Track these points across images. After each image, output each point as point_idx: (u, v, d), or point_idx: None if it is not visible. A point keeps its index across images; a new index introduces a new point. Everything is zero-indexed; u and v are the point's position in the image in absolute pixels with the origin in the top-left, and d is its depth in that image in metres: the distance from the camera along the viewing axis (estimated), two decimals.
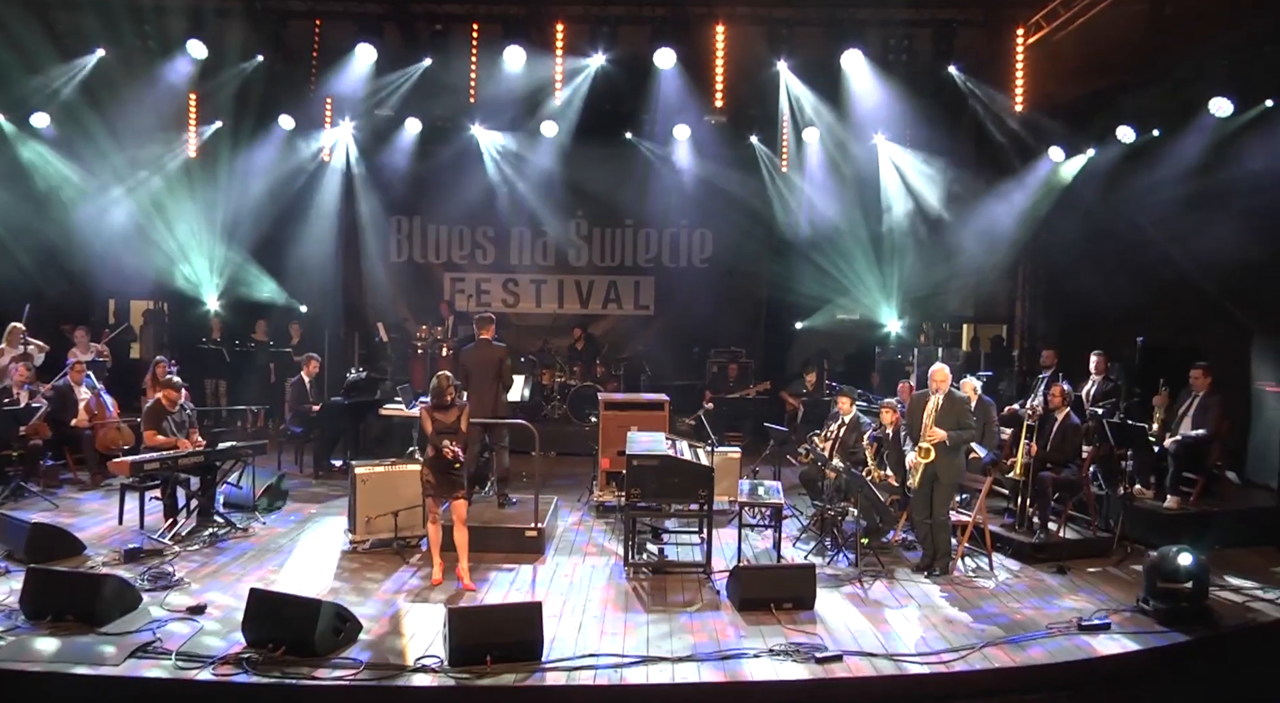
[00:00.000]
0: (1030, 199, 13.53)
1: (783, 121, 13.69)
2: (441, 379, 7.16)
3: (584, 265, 15.47)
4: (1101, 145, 12.29)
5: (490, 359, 8.93)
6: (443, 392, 7.11)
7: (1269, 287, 9.93)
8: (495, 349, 9.07)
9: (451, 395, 7.17)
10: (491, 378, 8.88)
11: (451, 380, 7.22)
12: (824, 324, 15.84)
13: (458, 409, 7.22)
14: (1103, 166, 12.42)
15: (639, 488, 7.57)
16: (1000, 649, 6.14)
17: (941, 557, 7.89)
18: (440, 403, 7.15)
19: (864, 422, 9.57)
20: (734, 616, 6.73)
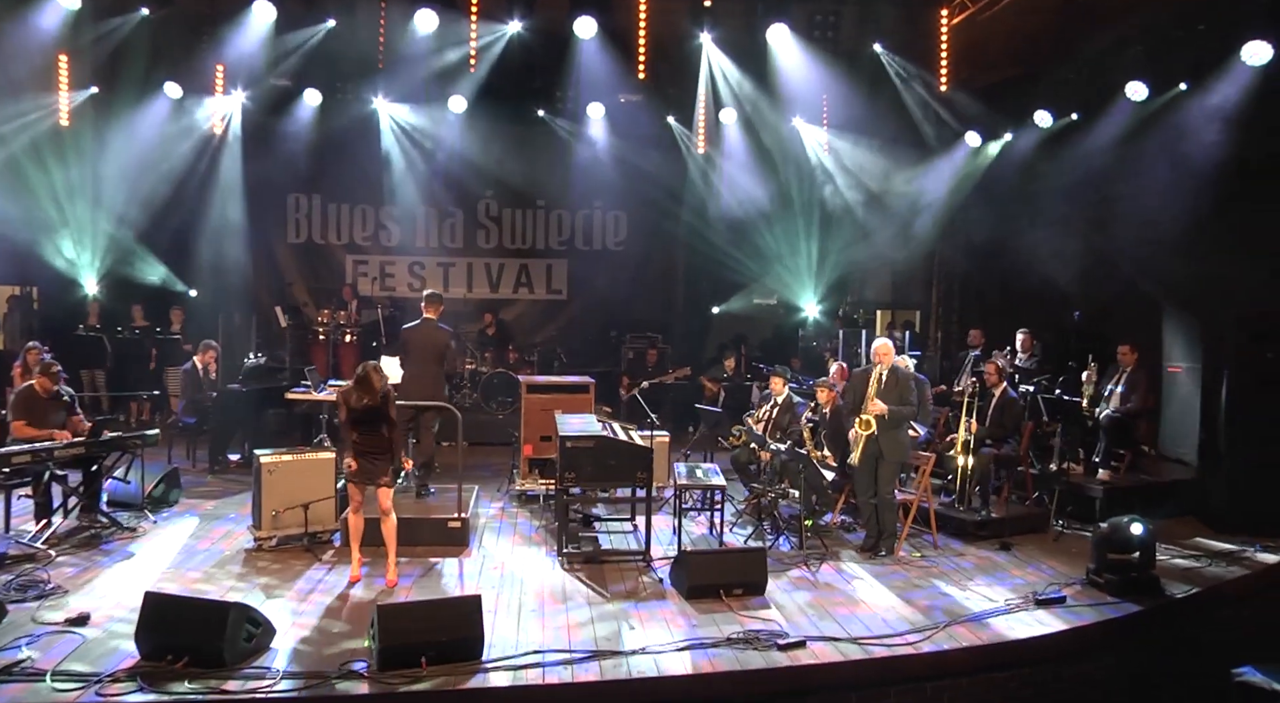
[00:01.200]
0: (950, 181, 13.57)
1: (703, 99, 13.35)
2: (375, 376, 6.45)
3: (493, 248, 14.79)
4: (1020, 128, 12.38)
5: (434, 341, 8.36)
6: (371, 388, 6.41)
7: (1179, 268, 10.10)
8: (440, 332, 8.49)
9: (380, 385, 6.49)
10: (433, 360, 8.30)
11: (385, 381, 6.55)
12: (741, 308, 15.62)
13: (383, 398, 6.54)
14: (1021, 150, 12.53)
15: (573, 472, 7.07)
16: (963, 628, 5.91)
17: (887, 537, 7.65)
18: (363, 394, 6.46)
19: (797, 402, 9.29)
20: (682, 604, 6.31)
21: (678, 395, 13.28)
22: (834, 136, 13.92)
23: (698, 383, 13.71)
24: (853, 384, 7.82)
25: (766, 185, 14.28)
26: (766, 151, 14.10)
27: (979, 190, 13.19)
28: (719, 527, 8.13)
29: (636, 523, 8.34)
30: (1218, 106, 9.57)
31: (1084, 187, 11.32)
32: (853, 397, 7.76)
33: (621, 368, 13.95)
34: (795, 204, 14.73)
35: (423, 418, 8.43)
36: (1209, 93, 9.68)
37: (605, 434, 7.24)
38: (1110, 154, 10.94)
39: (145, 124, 11.99)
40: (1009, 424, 8.39)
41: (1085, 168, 11.28)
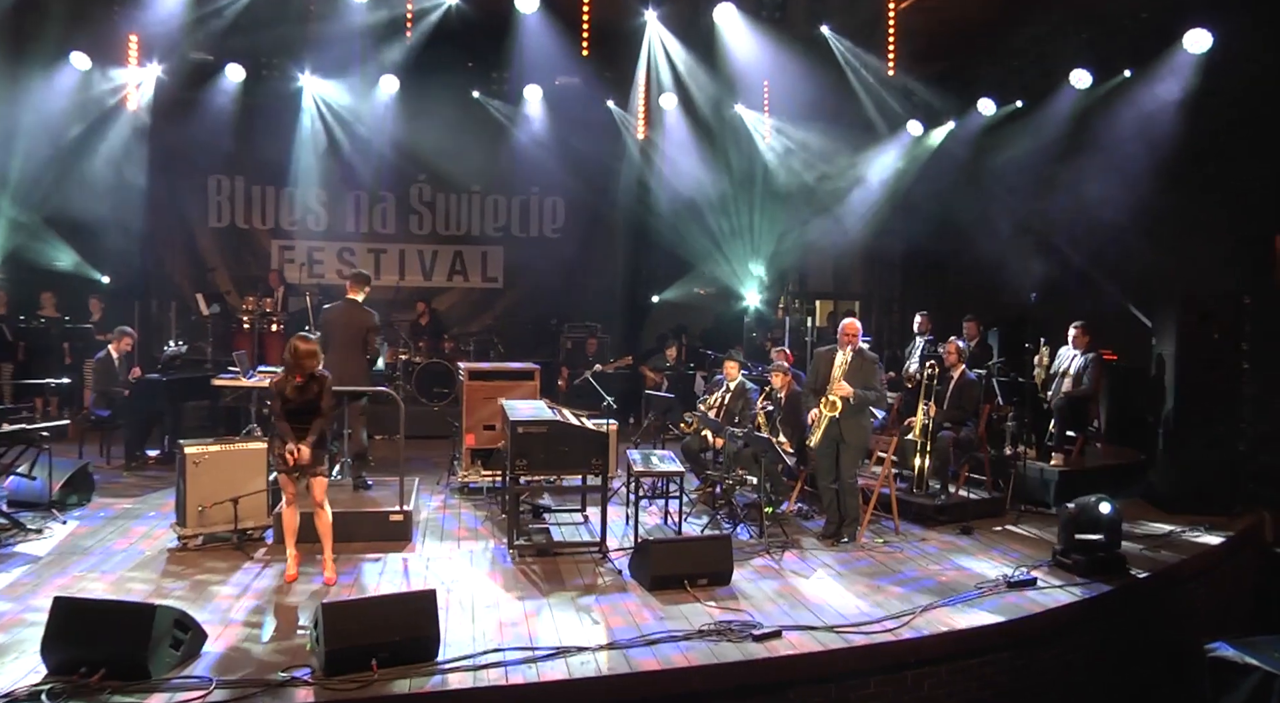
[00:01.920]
0: (895, 169, 13.52)
1: (644, 82, 13.02)
2: (305, 348, 5.95)
3: (427, 234, 14.22)
4: (964, 116, 12.37)
5: (357, 322, 7.81)
6: (302, 362, 5.91)
7: (1125, 252, 10.17)
8: (363, 314, 7.95)
9: (314, 365, 5.99)
10: (356, 344, 7.75)
11: (317, 354, 6.03)
12: (682, 297, 15.38)
13: (317, 384, 6.04)
14: (965, 137, 12.52)
15: (525, 459, 6.66)
16: (939, 613, 5.70)
17: (850, 523, 7.43)
18: (296, 374, 5.95)
19: (750, 388, 9.03)
20: (645, 596, 5.98)
21: (619, 386, 12.95)
22: (779, 122, 13.73)
23: (638, 373, 13.42)
24: (816, 365, 7.58)
25: (709, 172, 14.03)
26: (709, 137, 13.85)
27: (923, 178, 13.16)
28: (677, 517, 7.82)
29: (587, 515, 8.00)
30: (1161, 93, 9.64)
31: (1028, 174, 11.33)
32: (814, 378, 7.53)
33: (560, 358, 13.56)
34: (738, 191, 14.53)
35: (351, 407, 7.90)
36: (1153, 80, 9.75)
37: (559, 419, 6.86)
38: (1055, 141, 10.98)
39: (50, 97, 11.12)
40: (968, 406, 8.27)
41: (1030, 155, 11.30)
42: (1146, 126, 9.74)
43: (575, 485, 7.98)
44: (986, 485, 8.52)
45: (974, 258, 12.00)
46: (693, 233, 14.45)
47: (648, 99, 13.67)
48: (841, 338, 7.37)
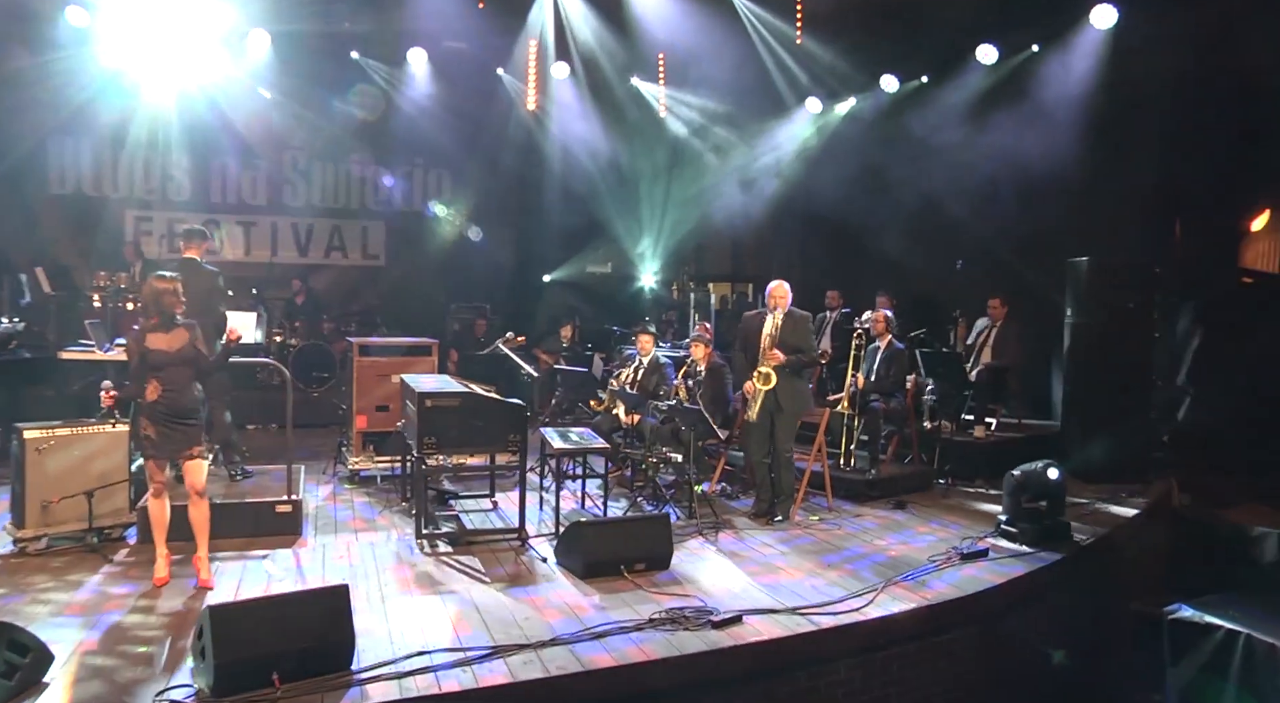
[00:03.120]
0: (800, 144, 13.25)
1: (535, 49, 12.33)
2: (162, 286, 5.02)
3: (302, 206, 13.08)
4: (868, 90, 12.18)
5: (199, 285, 6.73)
6: (161, 301, 4.98)
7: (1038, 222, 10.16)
8: (205, 274, 6.89)
9: (178, 305, 5.07)
10: (199, 311, 6.69)
11: (178, 292, 5.10)
12: (574, 276, 14.76)
13: (187, 332, 5.12)
14: (871, 111, 12.34)
15: (434, 437, 5.89)
16: (901, 588, 5.30)
17: (784, 500, 6.99)
18: (160, 320, 5.01)
19: (664, 362, 8.49)
20: (579, 585, 5.34)
21: (512, 369, 12.21)
22: (680, 94, 13.28)
23: (532, 355, 12.70)
24: (745, 332, 7.09)
25: (606, 146, 13.46)
26: (607, 109, 13.27)
27: (827, 154, 12.94)
28: (594, 500, 7.22)
29: (496, 501, 7.28)
30: (1068, 68, 9.64)
31: (935, 149, 11.21)
32: (743, 344, 7.04)
33: (448, 340, 12.69)
34: (637, 167, 14.01)
35: (209, 387, 6.85)
36: (1060, 55, 9.73)
37: (472, 391, 6.12)
38: (961, 116, 10.88)
39: None
40: (896, 377, 7.96)
41: (936, 130, 11.18)
42: (1055, 101, 9.73)
43: (477, 471, 7.32)
44: (914, 459, 8.24)
45: (882, 234, 11.85)
46: (587, 209, 13.86)
47: (540, 67, 12.99)
48: (770, 300, 6.89)
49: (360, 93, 12.25)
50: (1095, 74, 9.43)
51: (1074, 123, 9.53)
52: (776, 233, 15.31)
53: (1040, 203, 9.82)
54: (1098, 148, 9.35)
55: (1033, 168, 9.90)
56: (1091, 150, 9.37)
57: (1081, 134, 9.47)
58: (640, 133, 13.79)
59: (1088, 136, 9.40)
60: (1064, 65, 9.73)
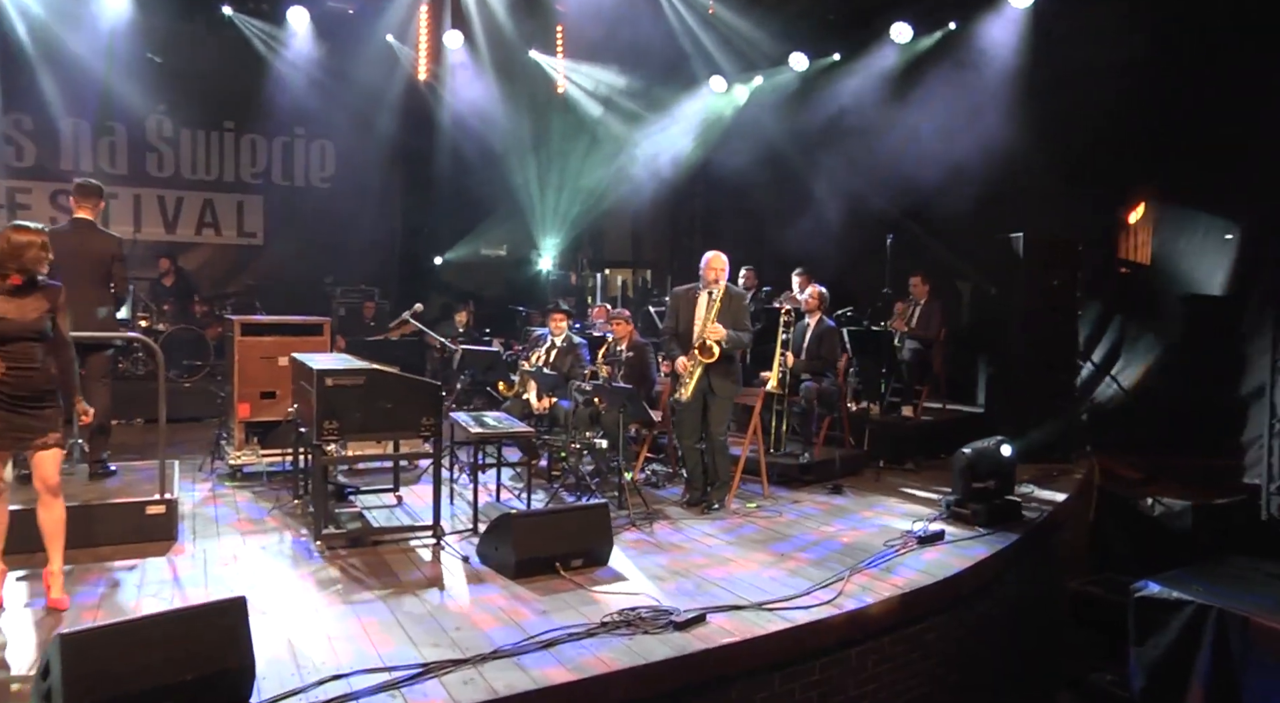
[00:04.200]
0: (705, 122, 12.83)
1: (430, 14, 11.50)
2: (23, 238, 4.06)
3: (169, 178, 11.80)
4: (775, 70, 11.84)
5: (93, 250, 5.76)
6: (23, 257, 4.04)
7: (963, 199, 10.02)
8: (102, 238, 5.91)
9: (41, 264, 4.13)
10: (93, 279, 5.73)
11: (46, 246, 4.15)
12: (468, 258, 13.95)
13: (46, 298, 4.18)
14: (779, 90, 12.01)
15: (335, 420, 5.11)
16: (867, 576, 4.84)
17: (720, 487, 6.48)
18: (13, 275, 4.06)
19: (579, 342, 7.89)
20: (511, 587, 4.68)
21: (404, 355, 11.33)
22: (582, 67, 12.66)
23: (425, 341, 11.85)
24: (676, 307, 6.53)
25: (502, 121, 12.72)
26: (504, 82, 12.54)
27: (735, 133, 12.57)
28: (518, 493, 6.56)
29: (399, 496, 6.52)
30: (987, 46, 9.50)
31: (849, 127, 10.95)
32: (675, 322, 6.49)
33: (334, 325, 11.68)
34: (536, 144, 13.31)
35: (90, 365, 5.86)
36: (978, 33, 9.59)
37: (379, 369, 5.36)
38: (875, 94, 10.65)
39: None
40: (827, 356, 7.57)
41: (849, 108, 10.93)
42: (973, 79, 9.58)
43: (376, 464, 6.57)
44: (845, 441, 7.88)
45: (792, 214, 11.55)
46: (482, 188, 13.08)
47: (432, 35, 12.17)
48: (705, 274, 6.35)
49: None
50: (1014, 52, 9.32)
51: (992, 101, 9.40)
52: (679, 215, 14.91)
53: (960, 181, 9.65)
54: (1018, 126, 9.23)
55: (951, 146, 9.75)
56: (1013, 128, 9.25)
57: (1001, 112, 9.35)
58: (539, 108, 13.13)
59: (1008, 115, 9.28)
60: (981, 43, 9.59)
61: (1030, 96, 9.15)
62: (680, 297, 6.54)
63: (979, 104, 9.55)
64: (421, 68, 12.40)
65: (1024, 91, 9.20)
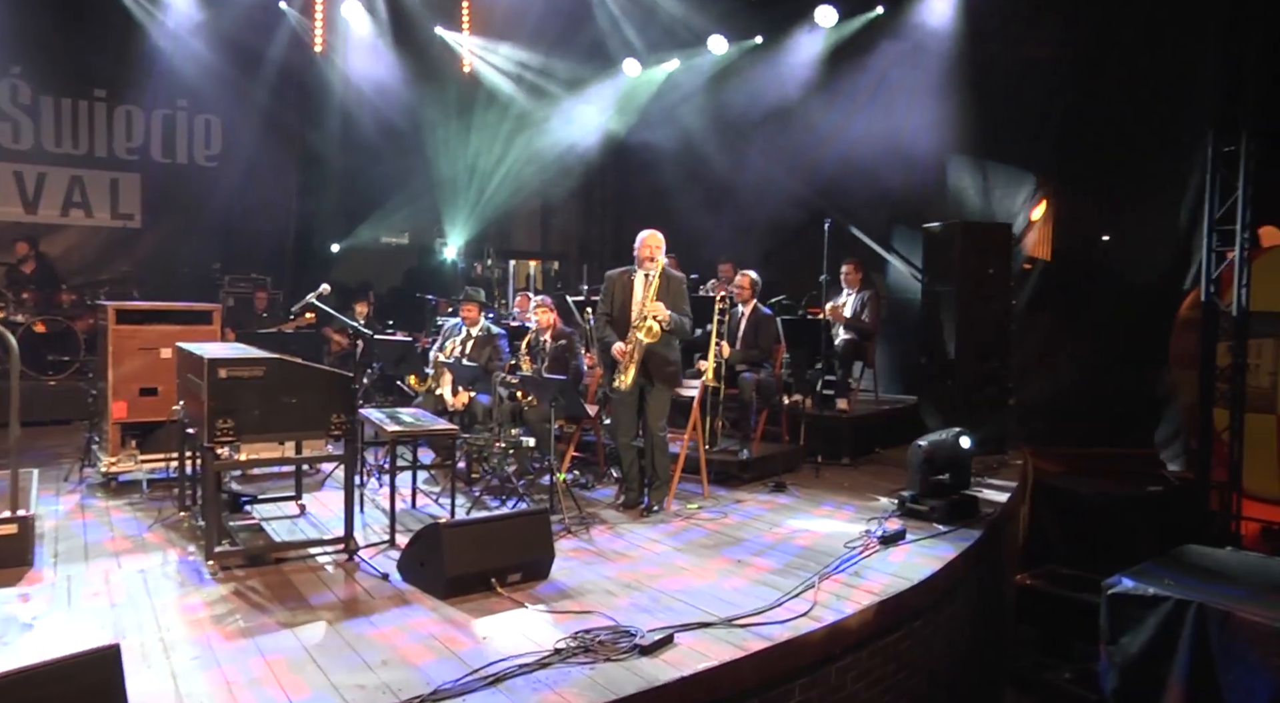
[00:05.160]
0: (617, 106, 12.33)
1: None
2: None
3: (29, 151, 10.52)
4: (693, 52, 11.42)
5: None
6: None
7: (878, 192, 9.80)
8: None
9: None
10: None
11: None
12: (368, 246, 13.09)
13: None
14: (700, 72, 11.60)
15: (231, 418, 4.41)
16: (836, 582, 4.43)
17: (659, 487, 5.99)
18: None
19: (497, 332, 7.29)
20: (441, 609, 4.08)
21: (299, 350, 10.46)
22: (491, 45, 12.01)
23: (321, 335, 10.99)
24: (610, 291, 6.00)
25: (405, 100, 11.93)
26: (408, 59, 11.78)
27: (651, 117, 12.11)
28: (435, 498, 5.93)
29: (302, 504, 5.81)
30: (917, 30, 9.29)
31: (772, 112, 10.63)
32: (610, 306, 5.96)
33: (222, 317, 10.71)
34: (439, 127, 12.56)
35: None
36: (907, 17, 9.37)
37: (282, 358, 4.66)
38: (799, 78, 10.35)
39: None
40: (764, 345, 7.15)
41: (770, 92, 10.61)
42: (901, 64, 9.37)
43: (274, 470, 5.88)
44: (781, 436, 7.49)
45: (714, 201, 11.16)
46: (383, 171, 12.25)
47: (329, 4, 11.31)
48: (640, 253, 5.83)
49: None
50: (942, 40, 9.13)
51: (919, 88, 9.21)
52: (591, 204, 14.39)
53: (886, 169, 9.44)
54: (946, 114, 9.07)
55: (876, 133, 9.54)
56: (940, 116, 9.08)
57: (928, 100, 9.17)
58: (445, 88, 12.38)
59: (935, 103, 9.11)
60: (909, 29, 9.38)
61: (958, 85, 8.98)
62: (615, 279, 6.02)
63: (905, 90, 9.35)
64: (317, 40, 11.50)
65: (951, 79, 9.02)
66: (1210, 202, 7.57)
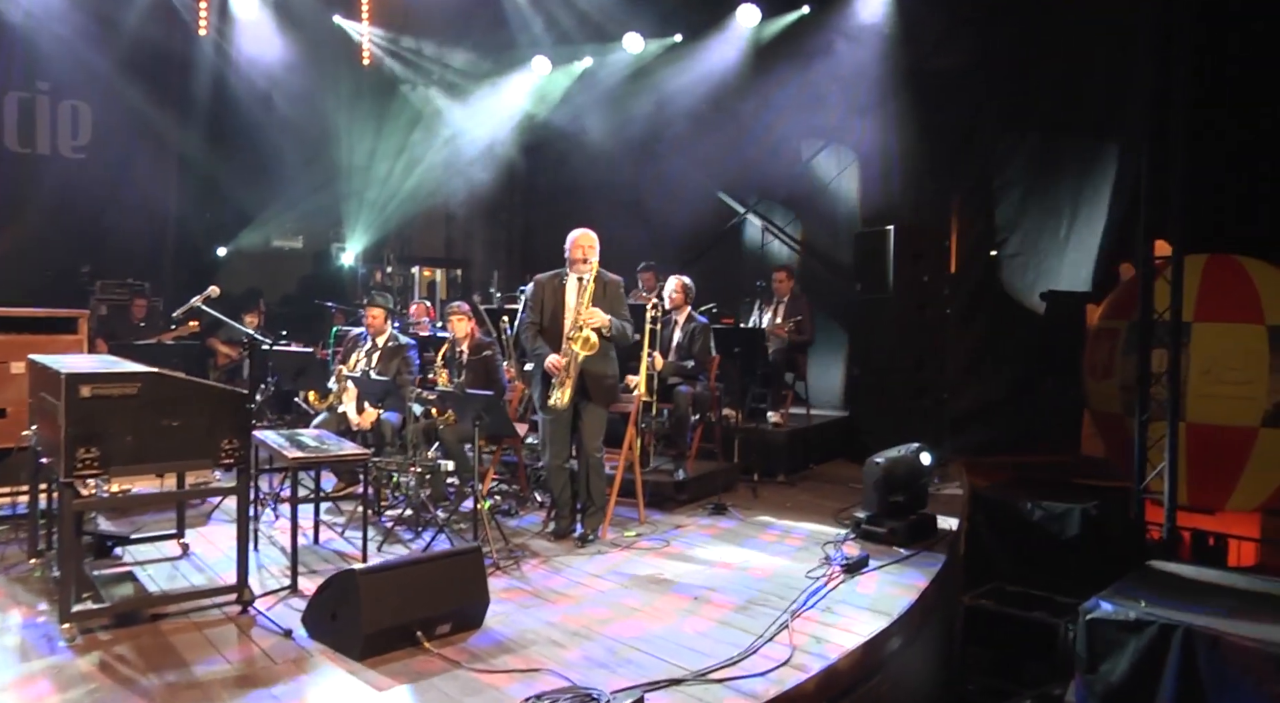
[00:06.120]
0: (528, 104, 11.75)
1: None
2: None
3: None
4: (607, 48, 10.94)
5: None
6: None
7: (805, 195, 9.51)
8: None
9: None
10: None
11: None
12: (257, 249, 12.08)
13: None
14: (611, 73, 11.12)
15: (96, 446, 3.65)
16: (811, 621, 3.97)
17: (595, 513, 5.42)
18: None
19: (406, 342, 6.62)
20: (362, 673, 3.43)
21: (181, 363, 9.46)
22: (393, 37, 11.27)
23: (206, 347, 10.03)
24: (539, 297, 5.40)
25: (300, 91, 11.06)
26: (304, 48, 10.92)
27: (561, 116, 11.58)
28: (340, 531, 5.22)
29: (185, 543, 5.02)
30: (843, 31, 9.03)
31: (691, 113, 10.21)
32: (540, 315, 5.37)
33: (93, 327, 9.62)
34: (337, 122, 11.71)
35: None
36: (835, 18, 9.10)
37: (160, 372, 3.91)
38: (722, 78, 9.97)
39: None
40: (700, 357, 6.66)
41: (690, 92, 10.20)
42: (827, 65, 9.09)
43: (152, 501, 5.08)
44: (718, 454, 7.02)
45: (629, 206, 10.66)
46: (275, 168, 11.30)
47: None
48: (572, 254, 5.27)
49: None
50: (868, 41, 8.89)
51: (849, 88, 8.94)
52: (498, 209, 13.71)
53: (816, 172, 9.16)
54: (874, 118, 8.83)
55: (804, 133, 9.25)
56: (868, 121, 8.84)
57: (853, 100, 8.91)
58: (344, 81, 11.55)
59: (862, 106, 8.86)
60: (836, 30, 9.11)
61: (885, 88, 8.75)
62: (544, 284, 5.42)
63: (832, 92, 9.07)
64: (202, 21, 10.52)
65: (878, 82, 8.79)
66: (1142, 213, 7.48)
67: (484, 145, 12.08)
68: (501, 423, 5.21)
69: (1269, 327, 7.07)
